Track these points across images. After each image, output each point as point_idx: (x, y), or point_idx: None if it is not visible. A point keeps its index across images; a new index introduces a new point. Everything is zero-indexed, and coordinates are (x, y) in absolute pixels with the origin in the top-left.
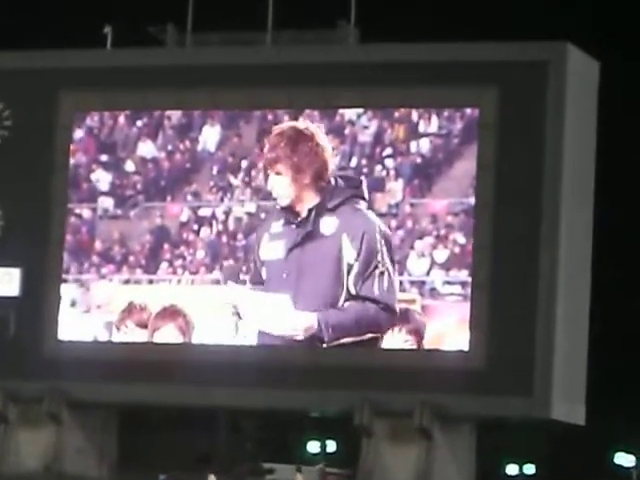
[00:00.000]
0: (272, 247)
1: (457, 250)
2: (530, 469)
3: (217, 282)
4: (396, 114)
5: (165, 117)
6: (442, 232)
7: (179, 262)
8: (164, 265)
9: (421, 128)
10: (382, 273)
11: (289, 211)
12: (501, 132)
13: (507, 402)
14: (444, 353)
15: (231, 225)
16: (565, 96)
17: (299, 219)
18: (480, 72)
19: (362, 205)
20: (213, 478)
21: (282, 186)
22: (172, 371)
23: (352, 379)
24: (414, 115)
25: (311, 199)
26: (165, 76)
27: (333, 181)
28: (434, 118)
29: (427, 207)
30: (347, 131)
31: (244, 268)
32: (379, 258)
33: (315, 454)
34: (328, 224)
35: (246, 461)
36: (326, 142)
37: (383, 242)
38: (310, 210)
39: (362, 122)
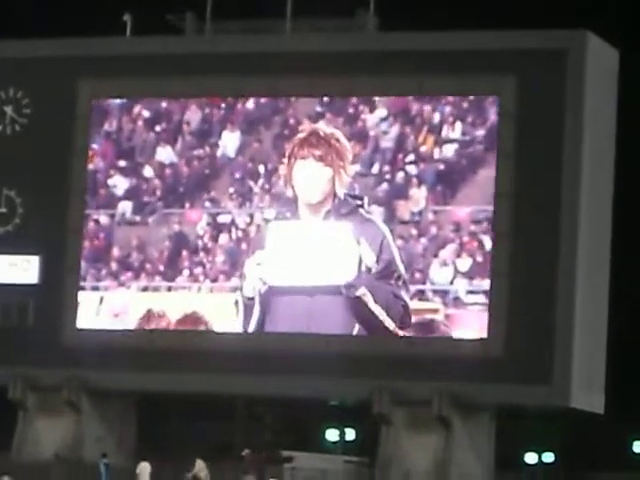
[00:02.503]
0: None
1: (480, 259)
2: (549, 457)
3: (235, 289)
4: (418, 120)
5: (184, 122)
6: (465, 240)
7: (199, 269)
8: (185, 272)
9: (444, 134)
10: (399, 277)
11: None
12: (520, 120)
13: (526, 390)
14: (463, 342)
15: (252, 232)
16: (584, 84)
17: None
18: (499, 60)
19: (368, 215)
20: (201, 463)
21: (322, 179)
22: (190, 359)
23: (371, 367)
24: (436, 119)
25: (328, 204)
26: (184, 64)
27: (342, 196)
28: (458, 124)
29: (450, 215)
30: (368, 137)
31: None
32: (397, 263)
33: (334, 442)
34: (344, 229)
35: (265, 449)
36: (349, 149)
37: (397, 249)
38: (328, 212)
39: (383, 128)
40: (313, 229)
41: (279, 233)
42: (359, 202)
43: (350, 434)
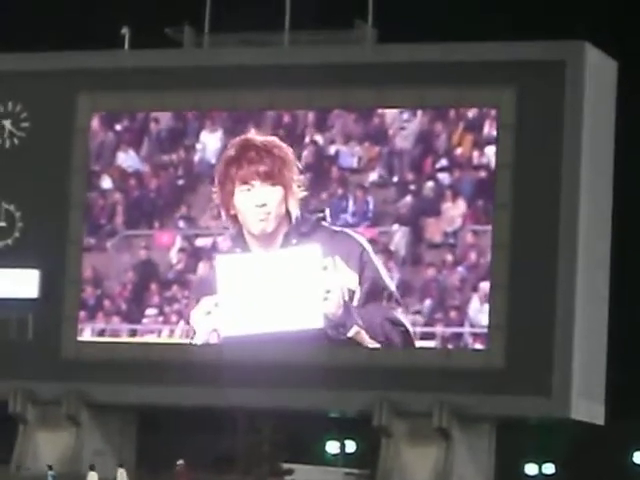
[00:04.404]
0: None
1: None
2: (549, 469)
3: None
4: (451, 114)
5: (151, 119)
6: None
7: (171, 307)
8: (153, 312)
9: (486, 132)
10: (390, 296)
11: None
12: (519, 131)
13: (526, 402)
14: (463, 353)
15: None
16: (583, 95)
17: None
18: (498, 72)
19: (334, 226)
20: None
21: (274, 202)
22: (190, 372)
23: (371, 379)
24: (471, 114)
25: (284, 227)
26: (183, 77)
27: (299, 211)
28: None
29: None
30: (387, 136)
31: None
32: (383, 278)
33: (334, 454)
34: (312, 250)
35: (265, 462)
36: (293, 156)
37: (380, 260)
38: (286, 235)
39: (406, 125)
40: (271, 261)
41: (231, 270)
42: (320, 215)
43: (350, 446)
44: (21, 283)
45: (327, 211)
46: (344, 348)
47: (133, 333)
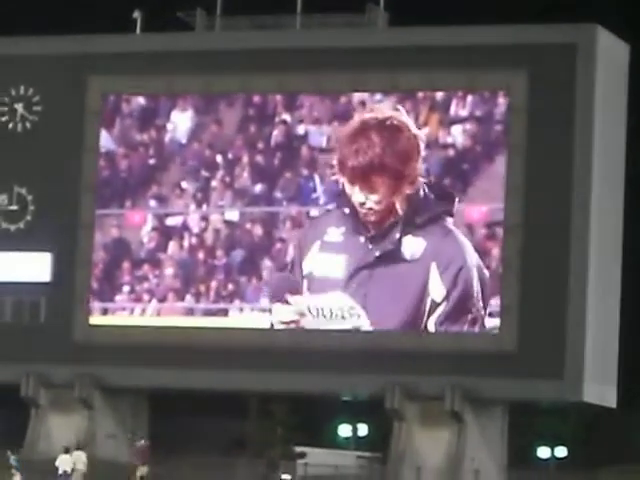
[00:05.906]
0: (325, 261)
1: (500, 269)
2: (561, 451)
3: (190, 312)
4: (419, 93)
5: (123, 100)
6: (480, 246)
7: (143, 286)
8: (125, 289)
9: (453, 111)
10: (475, 320)
11: (363, 221)
12: (531, 115)
13: (538, 385)
14: (475, 337)
15: (209, 238)
16: (595, 78)
17: (374, 232)
18: (510, 55)
19: (452, 225)
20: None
21: (379, 195)
22: (203, 355)
23: (383, 363)
24: (439, 95)
25: (396, 210)
26: (194, 60)
27: (422, 192)
28: (470, 98)
29: (461, 215)
30: (353, 117)
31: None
32: (474, 302)
33: (347, 438)
34: (413, 246)
35: (278, 445)
36: (420, 134)
37: (479, 282)
38: (394, 223)
39: (378, 106)
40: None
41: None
42: (444, 208)
43: (363, 429)
44: (33, 266)
45: (456, 201)
46: (356, 332)
47: (105, 311)
